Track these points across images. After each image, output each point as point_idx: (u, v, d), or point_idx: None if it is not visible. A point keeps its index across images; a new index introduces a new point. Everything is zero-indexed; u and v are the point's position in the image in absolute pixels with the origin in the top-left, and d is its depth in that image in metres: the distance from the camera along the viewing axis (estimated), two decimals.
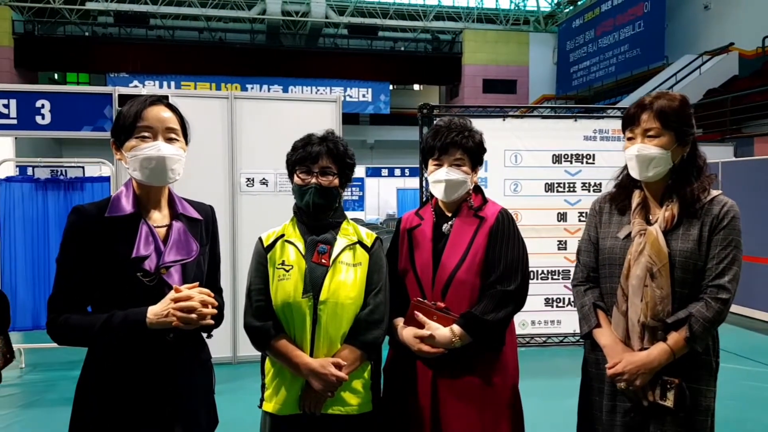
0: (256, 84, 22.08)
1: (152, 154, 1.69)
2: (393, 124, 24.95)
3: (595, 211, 2.15)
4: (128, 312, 1.62)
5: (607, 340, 1.98)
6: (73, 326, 1.64)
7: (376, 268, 2.08)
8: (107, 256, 1.65)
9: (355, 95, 23.75)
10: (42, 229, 5.16)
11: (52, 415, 4.24)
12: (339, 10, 23.48)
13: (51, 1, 20.82)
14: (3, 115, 4.86)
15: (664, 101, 1.93)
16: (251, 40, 24.74)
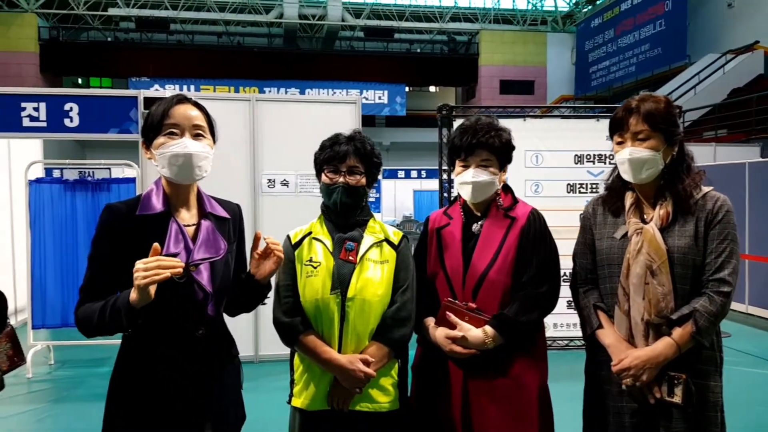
0: (274, 87, 22.23)
1: (179, 150, 1.71)
2: (409, 126, 24.94)
3: (588, 213, 2.14)
4: (119, 295, 1.60)
5: (611, 339, 1.97)
6: (81, 317, 1.67)
7: (403, 265, 2.09)
8: (138, 254, 1.65)
9: (371, 97, 23.79)
10: (71, 229, 5.26)
11: (82, 410, 4.34)
12: (355, 13, 23.55)
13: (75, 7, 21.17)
14: (33, 118, 4.97)
15: (650, 104, 1.93)
16: (269, 44, 24.92)
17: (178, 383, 1.71)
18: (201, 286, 1.72)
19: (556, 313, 2.17)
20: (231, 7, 22.40)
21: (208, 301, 1.75)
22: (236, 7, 22.50)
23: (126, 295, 1.56)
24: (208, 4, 22.09)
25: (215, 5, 22.16)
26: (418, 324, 2.15)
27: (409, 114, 24.91)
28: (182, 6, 21.91)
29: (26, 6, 20.68)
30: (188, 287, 1.69)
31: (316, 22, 23.23)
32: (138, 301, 1.53)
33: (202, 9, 22.46)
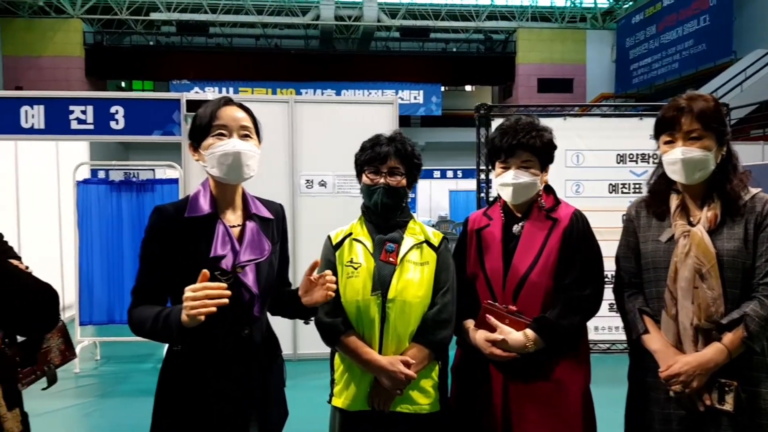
0: (310, 89, 22.41)
1: (228, 149, 1.74)
2: (445, 125, 24.81)
3: (632, 216, 2.09)
4: (172, 309, 1.62)
5: (658, 344, 1.92)
6: (135, 320, 1.71)
7: (444, 267, 2.08)
8: (186, 255, 1.71)
9: (407, 97, 23.75)
10: (116, 228, 5.41)
11: (127, 404, 4.46)
12: (391, 13, 23.56)
13: (118, 12, 21.74)
14: (81, 120, 5.13)
15: (702, 102, 1.88)
16: (305, 46, 25.13)
17: (225, 382, 1.74)
18: (247, 287, 1.75)
19: (598, 316, 2.12)
20: (268, 10, 22.67)
21: (254, 302, 1.78)
22: (274, 9, 22.76)
23: (178, 312, 1.57)
24: (246, 8, 22.41)
25: (253, 8, 22.47)
26: (458, 326, 2.13)
27: (444, 114, 24.80)
28: (221, 9, 22.28)
29: (72, 12, 21.33)
30: (235, 289, 1.71)
31: (352, 23, 23.33)
32: (188, 324, 1.55)
33: (241, 12, 22.80)
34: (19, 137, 5.39)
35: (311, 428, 2.76)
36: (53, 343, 1.61)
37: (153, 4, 21.86)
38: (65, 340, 1.64)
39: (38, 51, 21.23)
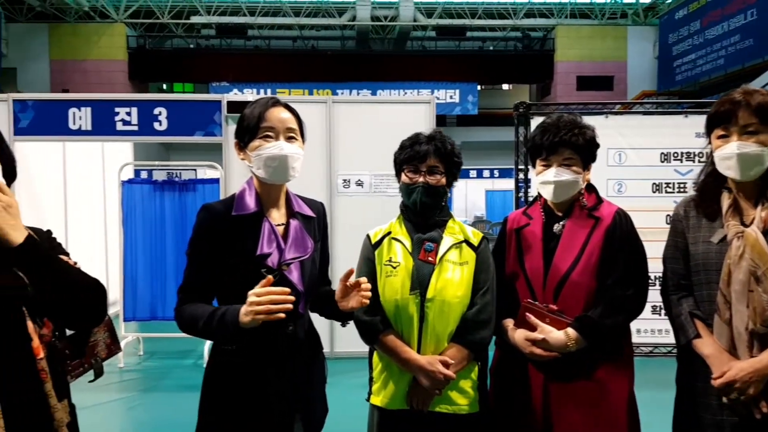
0: (346, 89, 22.51)
1: (275, 153, 1.77)
2: (481, 125, 24.62)
3: (680, 216, 2.02)
4: (228, 309, 1.65)
5: (711, 349, 1.86)
6: (186, 317, 1.75)
7: (483, 267, 2.07)
8: (233, 253, 1.75)
9: (443, 96, 23.62)
10: (159, 226, 5.54)
11: (170, 399, 4.56)
12: (427, 13, 23.48)
13: (160, 16, 22.23)
14: (126, 122, 5.27)
15: (760, 96, 1.81)
16: (341, 47, 25.25)
17: (270, 378, 1.77)
18: (292, 284, 1.77)
19: (640, 318, 2.08)
20: (306, 11, 22.87)
21: (299, 300, 1.79)
22: (311, 11, 22.95)
23: (235, 312, 1.62)
24: (283, 10, 22.65)
25: (290, 10, 22.70)
26: (497, 326, 2.11)
27: (481, 113, 24.60)
28: (259, 12, 22.58)
29: (116, 16, 21.91)
30: (280, 285, 1.73)
31: (389, 23, 23.35)
32: (247, 325, 1.60)
33: (279, 14, 23.05)
34: (67, 138, 5.58)
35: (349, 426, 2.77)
36: (100, 337, 1.65)
37: (193, 8, 22.27)
38: (111, 335, 1.68)
39: (83, 55, 21.87)
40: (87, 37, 21.93)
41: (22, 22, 21.42)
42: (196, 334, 1.78)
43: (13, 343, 1.37)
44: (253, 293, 1.59)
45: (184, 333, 1.79)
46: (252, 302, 1.59)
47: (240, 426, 1.76)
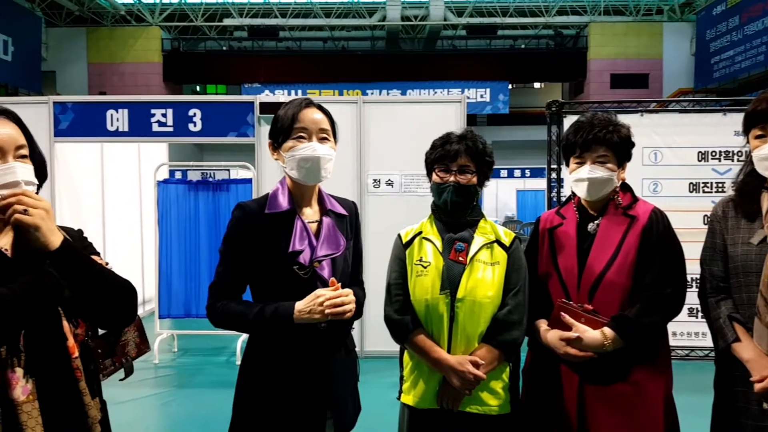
0: (376, 89, 22.53)
1: (308, 154, 1.80)
2: (512, 123, 24.40)
3: (718, 216, 1.98)
4: (279, 305, 1.73)
5: (750, 354, 1.81)
6: (231, 313, 1.78)
7: (515, 267, 2.05)
8: (267, 250, 1.78)
9: (473, 96, 23.45)
10: (193, 226, 5.64)
11: (203, 395, 4.63)
12: (458, 12, 23.36)
13: (194, 19, 22.60)
14: (161, 123, 5.38)
15: None
16: (371, 47, 25.31)
17: (302, 374, 1.79)
18: (324, 281, 1.79)
19: (677, 320, 2.03)
20: (336, 12, 22.98)
21: None
22: (341, 12, 23.06)
23: (287, 307, 1.72)
24: (314, 11, 22.81)
25: (321, 11, 22.84)
26: (529, 327, 2.09)
27: (512, 112, 24.38)
28: (291, 13, 22.77)
29: (151, 20, 22.34)
30: (312, 283, 1.76)
31: (419, 22, 23.31)
32: (304, 321, 1.70)
33: (309, 15, 23.22)
34: (105, 139, 5.71)
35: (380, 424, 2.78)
36: (130, 337, 1.69)
37: (226, 10, 22.59)
38: (141, 334, 1.73)
39: (120, 58, 22.37)
40: (123, 41, 22.43)
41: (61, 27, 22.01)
42: (239, 329, 1.84)
43: (50, 343, 1.40)
44: (319, 294, 1.71)
45: (220, 329, 1.83)
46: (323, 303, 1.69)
47: (273, 422, 1.79)
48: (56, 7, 21.17)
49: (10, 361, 1.30)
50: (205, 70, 23.86)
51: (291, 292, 1.75)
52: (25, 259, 1.32)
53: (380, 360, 4.32)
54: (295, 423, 1.79)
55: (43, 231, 1.29)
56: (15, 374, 1.30)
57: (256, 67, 23.49)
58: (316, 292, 1.73)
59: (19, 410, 1.29)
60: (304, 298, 1.73)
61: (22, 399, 1.30)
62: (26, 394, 1.31)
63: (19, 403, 1.29)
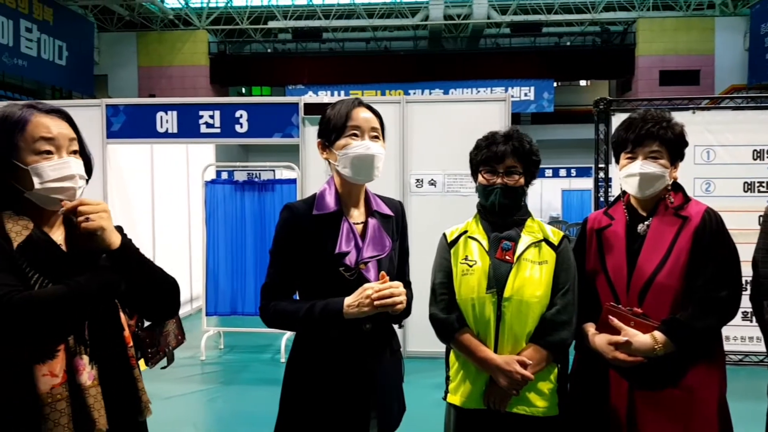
0: (418, 89, 22.50)
1: (362, 152, 1.81)
2: (557, 122, 23.99)
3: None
4: (328, 301, 1.74)
5: None
6: (281, 312, 1.81)
7: (564, 267, 2.01)
8: (314, 251, 1.79)
9: (517, 94, 23.14)
10: (240, 225, 5.74)
11: (248, 393, 4.71)
12: (501, 10, 23.12)
13: (239, 22, 23.03)
14: (209, 125, 5.50)
15: None
16: (414, 47, 25.29)
17: (347, 375, 1.80)
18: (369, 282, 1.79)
19: (730, 324, 1.96)
20: (379, 13, 23.05)
21: None
22: (384, 12, 23.12)
23: (336, 303, 1.72)
24: (357, 12, 22.93)
25: (364, 12, 22.94)
26: (577, 330, 2.05)
27: (557, 110, 23.97)
28: (334, 15, 22.96)
29: (198, 23, 22.88)
30: (357, 284, 1.77)
31: (462, 21, 23.16)
32: (353, 316, 1.71)
33: (352, 16, 23.36)
34: (155, 141, 5.88)
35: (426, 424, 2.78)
36: (170, 328, 1.79)
37: (271, 13, 22.93)
38: (179, 326, 1.84)
39: (168, 61, 22.98)
40: (172, 44, 23.03)
41: (112, 32, 22.75)
42: (291, 328, 1.88)
43: (111, 333, 1.52)
44: (370, 288, 1.70)
45: (273, 328, 1.86)
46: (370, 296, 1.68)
47: (317, 421, 1.80)
48: (108, 12, 21.90)
49: (77, 348, 1.41)
50: (250, 72, 24.30)
51: (337, 293, 1.76)
52: (79, 254, 1.41)
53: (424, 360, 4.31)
54: (339, 423, 1.80)
55: (107, 232, 1.39)
56: (82, 361, 1.41)
57: (299, 68, 23.78)
58: (363, 286, 1.72)
59: (86, 394, 1.40)
60: (353, 294, 1.73)
61: (88, 384, 1.41)
62: (91, 380, 1.42)
63: (86, 388, 1.40)
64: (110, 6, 21.15)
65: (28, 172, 1.40)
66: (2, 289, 1.25)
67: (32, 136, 1.42)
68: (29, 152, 1.41)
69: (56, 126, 1.45)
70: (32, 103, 1.50)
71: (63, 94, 19.72)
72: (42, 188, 1.41)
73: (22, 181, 1.42)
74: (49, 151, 1.43)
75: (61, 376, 1.36)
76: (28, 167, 1.40)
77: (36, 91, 19.65)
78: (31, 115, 1.43)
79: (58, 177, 1.42)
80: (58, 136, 1.44)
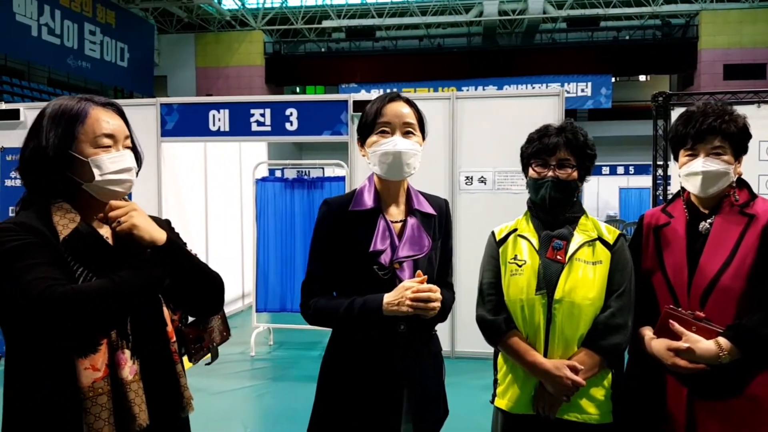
0: (471, 86, 22.28)
1: (389, 149, 1.76)
2: (615, 118, 23.32)
3: None
4: (367, 298, 1.71)
5: None
6: (322, 310, 1.79)
7: (620, 267, 1.91)
8: (349, 248, 1.77)
9: (573, 90, 22.65)
10: (289, 223, 5.80)
11: (296, 389, 4.73)
12: (557, 4, 22.62)
13: (294, 22, 23.37)
14: (260, 123, 5.56)
15: None
16: (468, 44, 25.07)
17: (379, 376, 1.76)
18: None
19: None
20: (432, 10, 22.93)
21: None
22: (437, 9, 22.98)
23: (375, 300, 1.70)
24: (410, 10, 22.88)
25: (417, 10, 22.87)
26: (633, 333, 1.94)
27: (615, 106, 23.30)
28: (387, 13, 22.98)
29: (254, 24, 23.33)
30: (392, 284, 1.73)
31: (517, 17, 22.78)
32: (393, 313, 1.68)
33: (406, 14, 23.33)
34: (207, 139, 5.98)
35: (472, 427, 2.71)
36: (215, 324, 1.78)
37: (325, 12, 23.16)
38: (224, 322, 1.82)
39: (225, 62, 23.55)
40: (228, 45, 23.58)
41: (171, 33, 23.45)
42: (331, 325, 1.84)
43: (153, 328, 1.52)
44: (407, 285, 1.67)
45: (314, 326, 1.83)
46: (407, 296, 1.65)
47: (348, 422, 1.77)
48: (167, 14, 22.59)
49: (120, 343, 1.41)
50: (304, 71, 24.65)
51: (371, 292, 1.73)
52: (125, 248, 1.41)
53: (473, 361, 4.23)
54: (370, 424, 1.76)
55: (141, 229, 1.39)
56: (124, 355, 1.41)
57: (353, 67, 23.95)
58: (404, 283, 1.69)
59: (127, 389, 1.39)
60: (393, 290, 1.70)
61: (130, 378, 1.41)
62: (133, 374, 1.42)
63: (128, 382, 1.40)
64: (169, 8, 21.81)
65: (88, 164, 1.42)
66: (45, 281, 1.26)
67: (93, 130, 1.44)
68: (89, 145, 1.43)
69: (113, 120, 1.49)
70: (87, 96, 1.52)
71: (125, 94, 20.46)
72: (102, 180, 1.43)
73: (79, 173, 1.43)
74: (108, 144, 1.46)
75: (103, 370, 1.37)
76: (88, 159, 1.42)
77: (99, 92, 20.42)
78: (90, 108, 1.46)
79: (116, 169, 1.45)
80: (116, 130, 1.48)
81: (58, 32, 16.17)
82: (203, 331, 1.72)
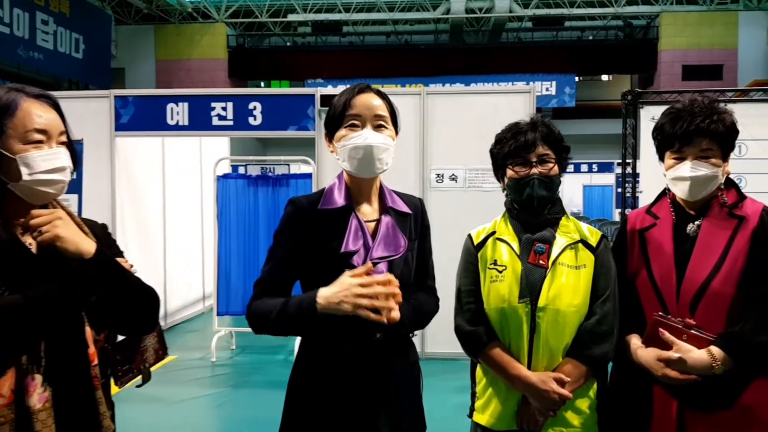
0: (439, 83, 22.34)
1: (359, 143, 1.63)
2: (578, 117, 23.73)
3: None
4: (303, 296, 1.52)
5: None
6: (257, 312, 1.61)
7: (603, 271, 1.82)
8: (318, 249, 1.63)
9: (539, 89, 22.91)
10: (253, 221, 5.60)
11: (260, 396, 4.52)
12: (524, 3, 22.81)
13: (258, 15, 22.95)
14: (221, 117, 5.34)
15: None
16: (435, 41, 25.12)
17: (355, 386, 1.62)
18: None
19: None
20: (399, 6, 22.85)
21: None
22: (404, 5, 22.91)
23: (310, 297, 1.49)
24: (378, 5, 22.75)
25: (384, 6, 22.76)
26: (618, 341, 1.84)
27: (578, 105, 23.69)
28: (354, 8, 22.80)
29: (217, 17, 22.83)
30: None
31: (483, 15, 22.89)
32: (329, 311, 1.46)
33: (373, 10, 23.20)
34: (165, 134, 5.72)
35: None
36: (149, 343, 1.67)
37: (290, 6, 22.83)
38: (160, 340, 1.72)
39: (187, 54, 22.99)
40: (190, 37, 23.03)
41: (130, 25, 22.79)
42: (267, 330, 1.61)
43: (71, 350, 1.38)
44: (355, 282, 1.44)
45: (255, 331, 1.64)
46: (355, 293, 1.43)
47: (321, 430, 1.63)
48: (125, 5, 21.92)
49: (30, 367, 1.27)
50: (269, 66, 24.26)
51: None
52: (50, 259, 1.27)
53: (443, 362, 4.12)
54: None
55: (65, 240, 1.26)
56: (34, 381, 1.28)
57: (319, 62, 23.74)
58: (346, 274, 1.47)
59: (34, 418, 1.26)
60: (334, 282, 1.48)
61: (38, 407, 1.28)
62: (42, 402, 1.29)
63: (35, 411, 1.27)
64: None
65: (15, 162, 1.28)
66: None
67: (23, 124, 1.30)
68: (18, 140, 1.30)
69: (47, 114, 1.34)
70: (18, 86, 1.37)
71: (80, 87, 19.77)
72: (30, 180, 1.29)
73: (5, 171, 1.29)
74: (40, 140, 1.31)
75: (8, 396, 1.23)
76: (15, 156, 1.28)
77: (52, 84, 19.71)
78: (21, 99, 1.32)
79: (48, 168, 1.31)
80: (49, 125, 1.33)
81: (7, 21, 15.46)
82: (134, 352, 1.59)
